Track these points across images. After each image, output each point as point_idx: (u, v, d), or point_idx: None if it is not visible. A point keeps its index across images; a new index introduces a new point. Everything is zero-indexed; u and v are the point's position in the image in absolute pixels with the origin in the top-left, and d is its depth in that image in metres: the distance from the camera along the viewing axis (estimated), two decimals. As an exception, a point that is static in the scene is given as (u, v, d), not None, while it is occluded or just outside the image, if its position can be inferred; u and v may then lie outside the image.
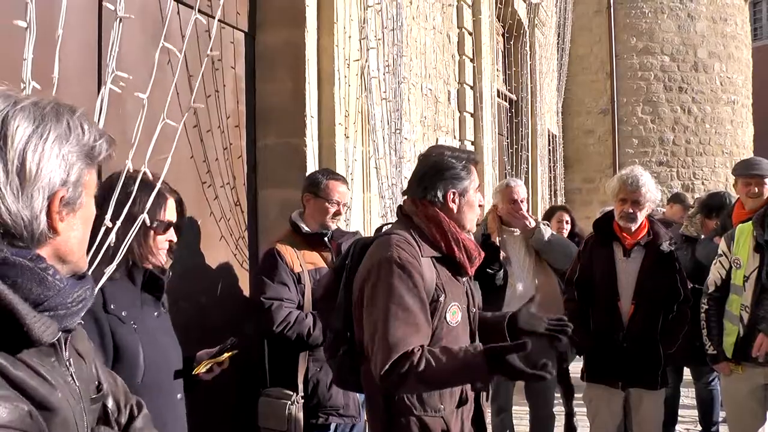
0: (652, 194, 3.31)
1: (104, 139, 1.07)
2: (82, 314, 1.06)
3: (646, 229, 3.35)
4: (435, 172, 2.05)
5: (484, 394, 2.19)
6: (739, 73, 13.54)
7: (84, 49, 2.35)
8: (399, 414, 1.96)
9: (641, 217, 3.31)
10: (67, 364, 1.04)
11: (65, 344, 1.04)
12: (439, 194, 2.04)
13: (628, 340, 3.23)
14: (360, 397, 2.91)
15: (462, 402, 2.05)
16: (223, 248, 3.16)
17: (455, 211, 2.05)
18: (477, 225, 3.93)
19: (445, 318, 1.98)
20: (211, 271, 3.07)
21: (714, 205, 4.43)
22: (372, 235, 2.18)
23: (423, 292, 1.91)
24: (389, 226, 2.17)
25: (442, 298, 1.97)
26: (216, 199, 3.10)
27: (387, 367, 1.81)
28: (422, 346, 1.85)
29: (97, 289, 1.52)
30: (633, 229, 3.31)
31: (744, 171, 4.01)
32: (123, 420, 1.28)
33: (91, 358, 1.18)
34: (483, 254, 2.16)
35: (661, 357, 3.26)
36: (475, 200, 2.11)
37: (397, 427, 1.96)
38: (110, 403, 1.23)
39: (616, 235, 3.36)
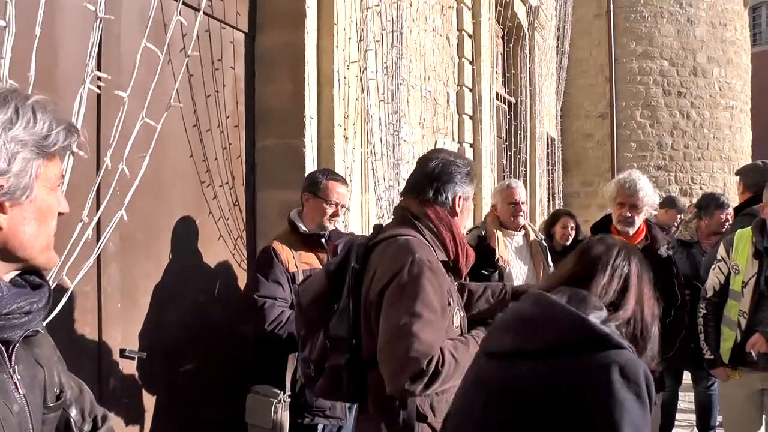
0: (650, 198, 3.31)
1: (62, 128, 1.01)
2: (30, 326, 1.01)
3: (643, 234, 3.35)
4: (446, 175, 2.05)
5: None
6: (738, 79, 13.57)
7: (85, 52, 2.34)
8: (414, 422, 1.93)
9: (639, 221, 3.31)
10: (11, 371, 1.00)
11: (10, 351, 1.01)
12: (449, 197, 2.04)
13: (626, 344, 3.23)
14: None
15: None
16: (221, 248, 3.15)
17: (458, 214, 2.07)
18: (475, 227, 3.93)
19: (452, 322, 1.99)
20: (209, 270, 3.06)
21: (701, 206, 4.52)
22: (369, 235, 2.12)
23: (445, 296, 1.91)
24: (381, 226, 2.12)
25: (451, 302, 1.97)
26: (215, 199, 3.10)
27: (417, 371, 1.79)
28: (440, 348, 1.86)
29: None
30: (631, 233, 3.31)
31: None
32: (87, 428, 1.25)
33: (52, 366, 1.14)
34: (474, 259, 2.17)
35: (659, 361, 3.26)
36: (471, 207, 2.16)
37: None
38: (73, 413, 1.20)
39: None
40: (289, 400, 2.72)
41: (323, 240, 2.89)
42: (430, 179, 2.05)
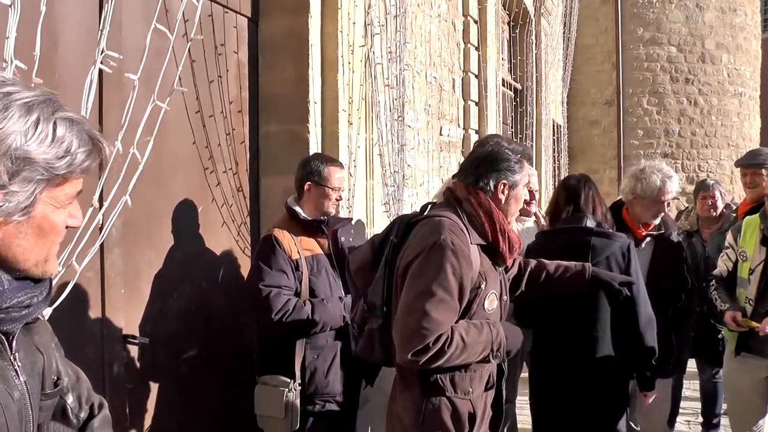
0: None
1: (83, 149, 0.95)
2: (29, 318, 1.01)
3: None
4: (490, 162, 2.11)
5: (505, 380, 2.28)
6: (747, 65, 13.41)
7: (85, 35, 2.32)
8: (432, 394, 2.03)
9: None
10: (12, 358, 0.99)
11: (11, 339, 1.00)
12: (491, 184, 2.10)
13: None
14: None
15: (489, 387, 2.14)
16: (225, 234, 3.15)
17: (503, 201, 2.12)
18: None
19: (483, 305, 2.05)
20: (212, 256, 3.06)
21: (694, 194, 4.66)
22: (414, 213, 2.22)
23: (467, 279, 1.97)
24: (431, 205, 2.22)
25: (483, 286, 2.04)
26: (218, 185, 3.09)
27: (421, 346, 1.89)
28: (451, 327, 1.95)
29: None
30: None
31: (742, 162, 4.14)
32: (83, 415, 1.24)
33: (51, 353, 1.13)
34: (521, 245, 2.25)
35: (674, 345, 3.26)
36: (522, 194, 2.19)
37: (429, 406, 2.03)
38: (70, 399, 1.20)
39: (626, 225, 3.33)
40: (300, 388, 2.71)
41: (323, 226, 2.88)
42: (476, 165, 2.13)
